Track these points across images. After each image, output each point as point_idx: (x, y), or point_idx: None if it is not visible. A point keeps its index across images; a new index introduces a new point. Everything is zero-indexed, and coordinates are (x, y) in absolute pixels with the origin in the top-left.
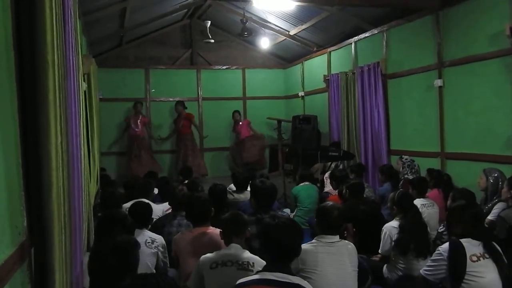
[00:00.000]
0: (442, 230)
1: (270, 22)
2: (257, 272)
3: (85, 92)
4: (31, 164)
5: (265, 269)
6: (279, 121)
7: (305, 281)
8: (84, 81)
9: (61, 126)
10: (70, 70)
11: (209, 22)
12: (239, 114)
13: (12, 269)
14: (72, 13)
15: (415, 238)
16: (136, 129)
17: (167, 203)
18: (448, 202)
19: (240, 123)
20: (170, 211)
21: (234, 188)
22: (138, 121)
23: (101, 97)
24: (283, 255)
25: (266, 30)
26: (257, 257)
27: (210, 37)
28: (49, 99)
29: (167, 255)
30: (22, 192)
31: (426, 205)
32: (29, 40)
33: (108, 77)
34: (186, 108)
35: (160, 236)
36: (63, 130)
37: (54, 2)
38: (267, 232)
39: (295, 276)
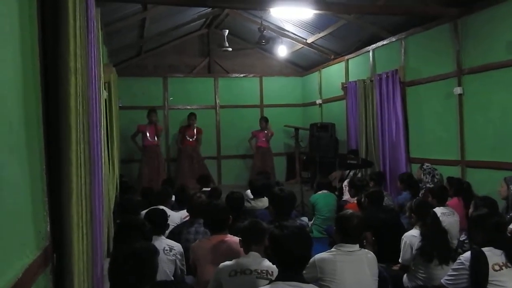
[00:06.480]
0: (464, 238)
1: (287, 31)
2: (270, 282)
3: (105, 100)
4: (53, 170)
5: (278, 278)
6: (297, 129)
7: None
8: (105, 89)
9: (83, 133)
10: (92, 78)
11: (227, 31)
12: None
13: (36, 273)
14: (95, 24)
15: (437, 245)
16: (150, 139)
17: (185, 210)
18: (470, 210)
19: (265, 131)
20: (188, 218)
21: (251, 196)
22: (157, 130)
23: (120, 105)
24: (294, 264)
25: (284, 38)
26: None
27: (228, 45)
28: (71, 106)
29: (184, 262)
30: (45, 197)
31: (446, 213)
32: (54, 50)
33: (127, 85)
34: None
35: (178, 244)
36: (85, 137)
37: (77, 13)
38: (275, 243)
39: (309, 284)
